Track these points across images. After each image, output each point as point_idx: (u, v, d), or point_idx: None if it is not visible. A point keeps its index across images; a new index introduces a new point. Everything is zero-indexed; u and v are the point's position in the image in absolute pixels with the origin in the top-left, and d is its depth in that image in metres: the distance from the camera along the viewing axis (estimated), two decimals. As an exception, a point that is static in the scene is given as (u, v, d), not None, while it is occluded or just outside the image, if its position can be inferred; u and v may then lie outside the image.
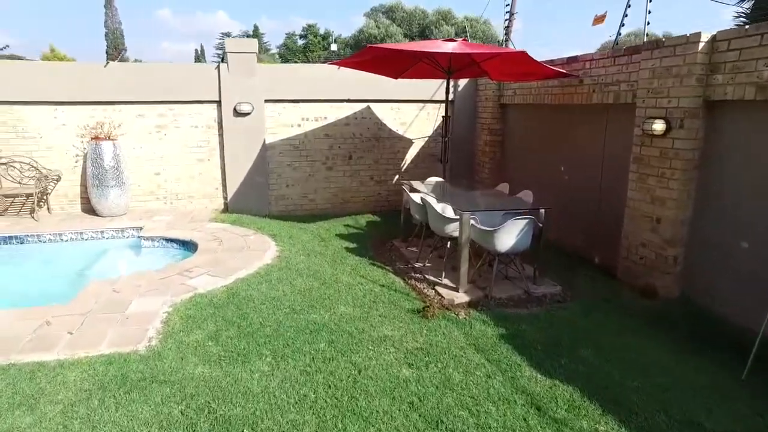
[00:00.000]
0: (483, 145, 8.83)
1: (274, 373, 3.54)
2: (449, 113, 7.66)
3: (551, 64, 6.39)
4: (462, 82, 8.96)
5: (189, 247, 6.51)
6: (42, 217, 7.64)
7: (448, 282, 5.34)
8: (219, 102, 8.13)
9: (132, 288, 4.86)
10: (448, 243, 5.63)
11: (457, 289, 5.11)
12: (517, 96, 7.80)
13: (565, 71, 6.24)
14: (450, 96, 7.69)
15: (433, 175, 7.74)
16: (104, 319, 4.21)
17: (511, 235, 4.92)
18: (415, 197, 6.20)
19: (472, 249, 5.22)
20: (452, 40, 5.97)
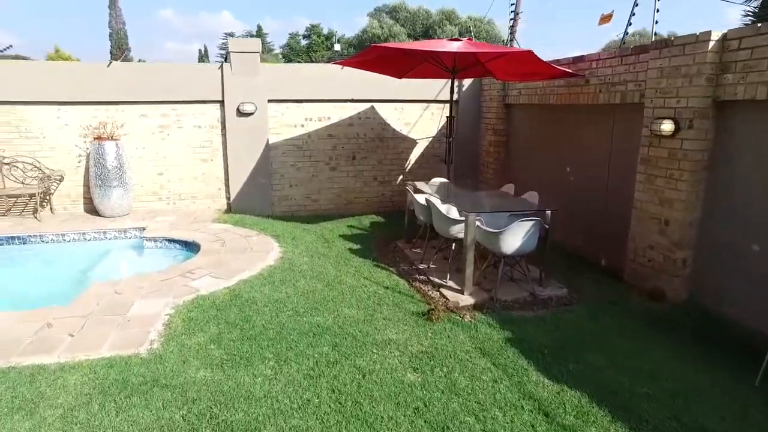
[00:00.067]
0: (487, 146, 8.77)
1: (277, 377, 3.48)
2: (453, 113, 7.60)
3: (557, 64, 6.33)
4: (466, 82, 8.89)
5: (191, 248, 6.47)
6: (45, 218, 7.61)
7: (453, 284, 5.28)
8: (222, 102, 8.10)
9: (134, 289, 4.82)
10: (453, 244, 5.57)
11: (462, 292, 5.05)
12: (522, 96, 7.73)
13: (571, 71, 6.17)
14: (454, 96, 7.63)
15: (437, 176, 7.67)
16: (106, 321, 4.17)
17: (517, 237, 4.86)
18: (420, 198, 6.13)
19: (477, 251, 5.15)
20: (457, 40, 5.91)
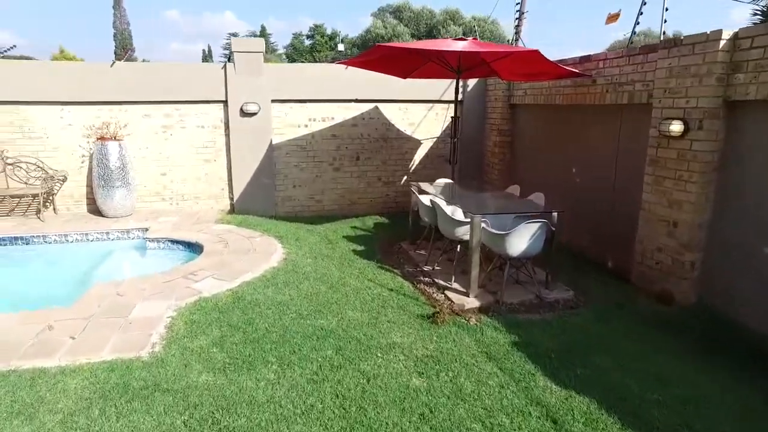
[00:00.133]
0: (492, 146, 8.70)
1: (281, 382, 3.43)
2: (458, 114, 7.53)
3: (563, 64, 6.25)
4: (471, 82, 8.83)
5: (194, 248, 6.43)
6: (48, 218, 7.59)
7: (458, 286, 5.21)
8: (225, 102, 8.06)
9: (136, 291, 4.78)
10: (458, 246, 5.51)
11: (468, 294, 4.98)
12: (528, 96, 7.66)
13: (577, 71, 6.10)
14: (459, 96, 7.56)
15: (442, 176, 7.61)
16: (107, 323, 4.13)
17: (523, 239, 4.79)
18: (424, 199, 6.07)
19: (482, 252, 5.09)
20: (462, 39, 5.84)
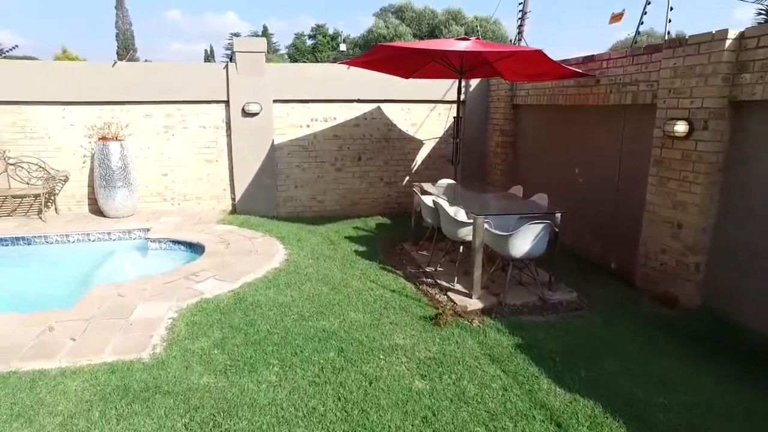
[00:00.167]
0: (495, 147, 8.66)
1: (282, 384, 3.41)
2: (461, 114, 7.50)
3: (566, 64, 6.21)
4: (473, 83, 8.79)
5: (196, 249, 6.41)
6: (49, 218, 7.58)
7: (461, 287, 5.18)
8: (227, 102, 8.04)
9: (137, 292, 4.76)
10: (461, 247, 5.47)
11: (470, 295, 4.95)
12: (531, 96, 7.62)
13: (581, 71, 6.06)
14: (461, 96, 7.53)
15: (444, 177, 7.58)
16: (108, 324, 4.11)
17: (526, 240, 4.76)
18: (427, 200, 6.04)
19: (485, 253, 5.05)
20: (465, 39, 5.80)
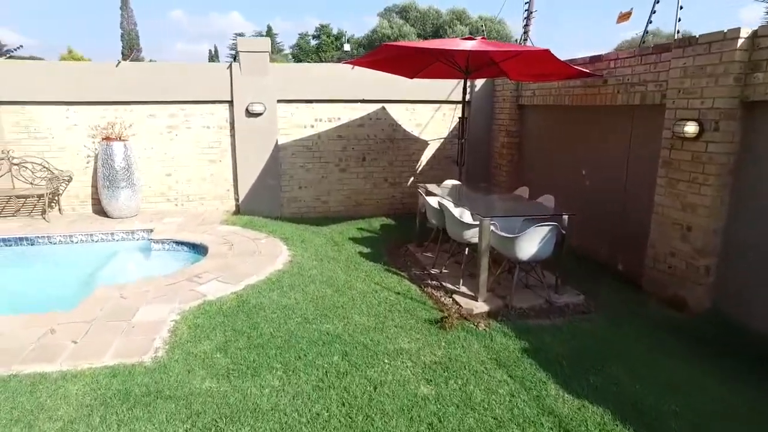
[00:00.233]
0: (500, 147, 8.59)
1: (285, 389, 3.35)
2: (465, 114, 7.43)
3: (573, 64, 6.13)
4: (479, 83, 8.72)
5: (199, 250, 6.37)
6: (53, 218, 7.56)
7: (466, 290, 5.12)
8: (231, 102, 8.00)
9: (139, 294, 4.72)
10: (466, 249, 5.41)
11: (476, 298, 4.89)
12: (537, 97, 7.54)
13: (588, 71, 5.98)
14: (466, 97, 7.46)
15: (449, 178, 7.51)
16: (110, 327, 4.07)
17: (533, 243, 4.69)
18: (432, 201, 5.98)
19: (490, 255, 4.99)
20: (471, 39, 5.74)
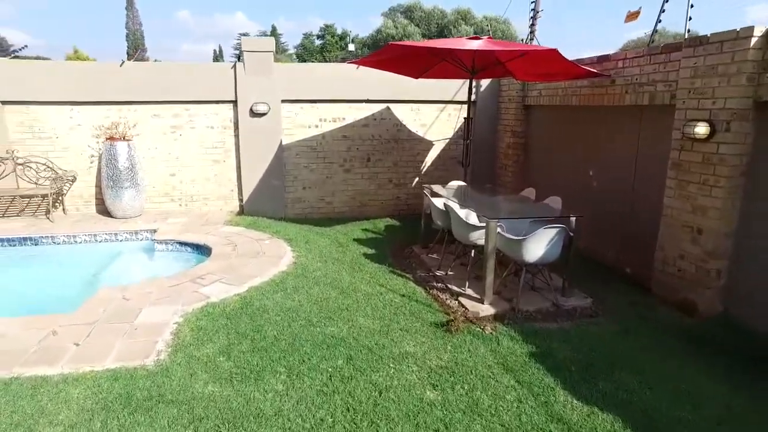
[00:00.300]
0: (506, 148, 8.52)
1: (289, 393, 3.30)
2: (471, 114, 7.37)
3: (580, 64, 6.06)
4: (484, 83, 8.65)
5: (203, 251, 6.33)
6: (57, 218, 7.55)
7: (472, 292, 5.06)
8: (235, 102, 7.96)
9: (142, 295, 4.68)
10: (472, 251, 5.35)
11: (482, 301, 4.82)
12: (543, 97, 7.47)
13: (596, 71, 5.91)
14: (472, 97, 7.39)
15: (454, 178, 7.45)
16: (112, 329, 4.03)
17: (540, 245, 4.62)
18: (437, 202, 5.92)
19: (496, 258, 4.92)
20: (477, 38, 5.68)
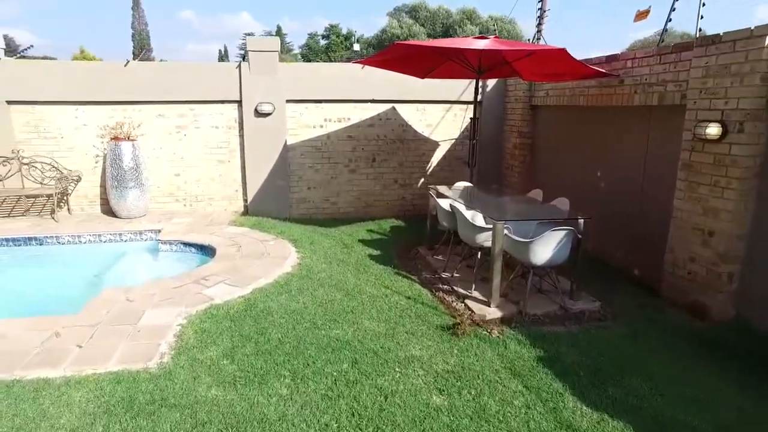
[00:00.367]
0: (512, 148, 8.44)
1: (293, 398, 3.26)
2: (477, 115, 7.30)
3: (588, 63, 5.98)
4: (490, 83, 8.58)
5: (207, 252, 6.30)
6: (62, 218, 7.54)
7: (479, 295, 5.00)
8: (240, 102, 7.93)
9: (146, 297, 4.65)
10: (479, 253, 5.28)
11: (489, 304, 4.76)
12: (550, 97, 7.39)
13: (604, 71, 5.83)
14: (478, 97, 7.33)
15: (460, 179, 7.39)
16: (115, 331, 3.99)
17: (548, 248, 4.56)
18: (443, 203, 5.86)
19: (503, 260, 4.86)
20: (484, 37, 5.61)
